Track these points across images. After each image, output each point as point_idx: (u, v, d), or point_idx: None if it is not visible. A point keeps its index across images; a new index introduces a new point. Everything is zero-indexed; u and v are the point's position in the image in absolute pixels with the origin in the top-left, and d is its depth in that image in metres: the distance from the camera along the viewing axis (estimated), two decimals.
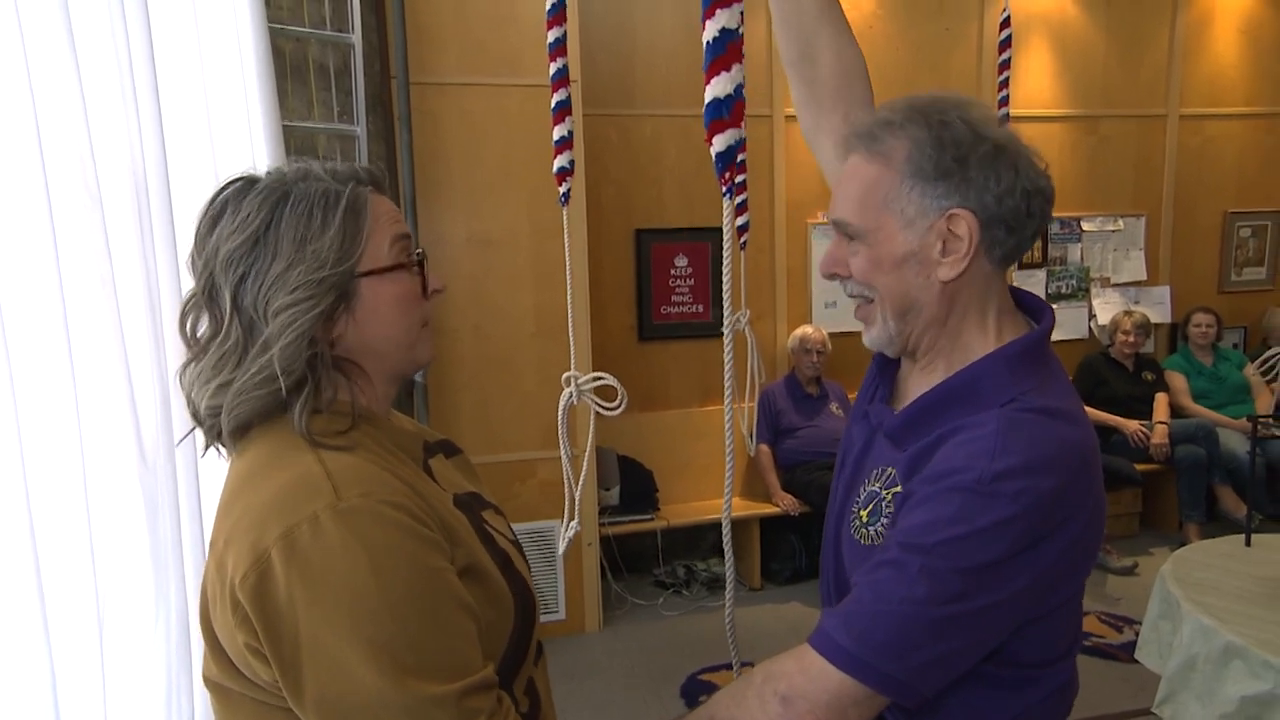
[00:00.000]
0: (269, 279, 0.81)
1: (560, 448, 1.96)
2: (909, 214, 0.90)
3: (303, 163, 0.88)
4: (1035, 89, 4.55)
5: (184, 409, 1.45)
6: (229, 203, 0.85)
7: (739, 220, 3.14)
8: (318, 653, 0.72)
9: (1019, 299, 0.99)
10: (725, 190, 1.15)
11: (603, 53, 3.89)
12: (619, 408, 1.81)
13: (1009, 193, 0.88)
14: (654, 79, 4.01)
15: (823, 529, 1.09)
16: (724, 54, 1.08)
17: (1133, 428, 4.23)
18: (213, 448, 0.89)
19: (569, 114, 1.96)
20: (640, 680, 3.18)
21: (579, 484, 2.00)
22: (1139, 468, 4.18)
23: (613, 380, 1.82)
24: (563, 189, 2.00)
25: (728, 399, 1.20)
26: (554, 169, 1.97)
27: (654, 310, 4.14)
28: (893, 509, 0.91)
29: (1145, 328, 4.45)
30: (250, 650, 0.75)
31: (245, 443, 0.85)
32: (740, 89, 1.11)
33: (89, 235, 1.30)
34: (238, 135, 1.83)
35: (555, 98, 1.94)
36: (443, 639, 0.76)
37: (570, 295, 2.14)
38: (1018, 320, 0.97)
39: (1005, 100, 3.26)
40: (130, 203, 1.40)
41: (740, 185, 3.07)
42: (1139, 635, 2.28)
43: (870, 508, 0.95)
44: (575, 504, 2.00)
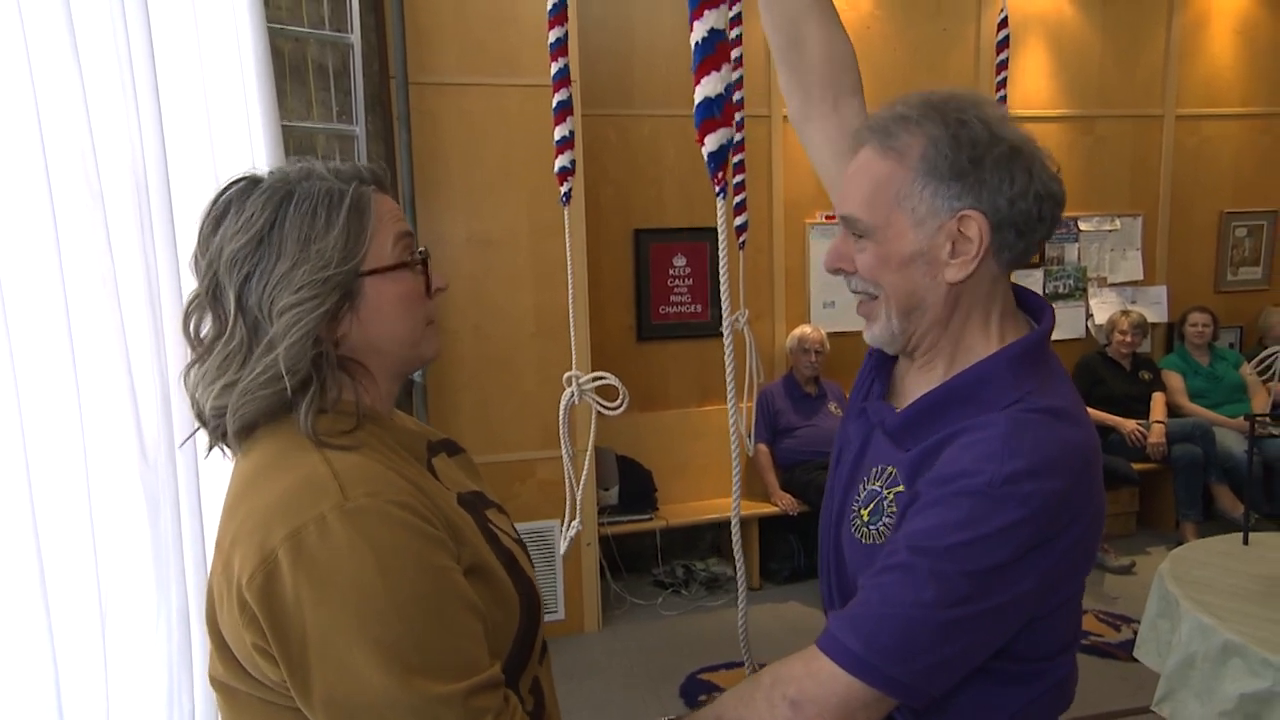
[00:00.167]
0: (273, 278, 0.81)
1: (562, 447, 1.96)
2: (920, 213, 0.89)
3: (305, 162, 0.88)
4: (1032, 89, 4.56)
5: (185, 407, 1.46)
6: (232, 202, 0.84)
7: (738, 220, 3.14)
8: (325, 653, 0.72)
9: (1019, 297, 0.99)
10: (719, 190, 1.15)
11: (601, 53, 3.89)
12: (620, 407, 1.81)
13: (1021, 196, 0.87)
14: (653, 79, 4.01)
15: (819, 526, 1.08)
16: (713, 54, 1.09)
17: (1130, 427, 4.24)
18: (216, 448, 0.88)
19: (570, 114, 1.96)
20: (639, 680, 3.18)
21: (580, 484, 2.00)
22: (1136, 467, 4.19)
23: (614, 380, 1.82)
24: (564, 189, 2.00)
25: (730, 402, 1.20)
26: (555, 169, 1.97)
27: (653, 310, 4.14)
28: (895, 508, 0.91)
29: (1142, 327, 4.46)
30: (258, 650, 0.75)
31: (250, 443, 0.84)
32: (730, 88, 1.11)
33: (91, 234, 1.30)
34: (237, 135, 1.83)
35: (556, 97, 1.94)
36: (449, 638, 0.76)
37: (571, 295, 2.15)
38: (1019, 320, 0.96)
39: (1003, 100, 3.26)
40: (131, 201, 1.40)
41: (739, 185, 3.08)
42: (1137, 634, 2.29)
43: (871, 507, 0.95)
44: (577, 504, 2.00)
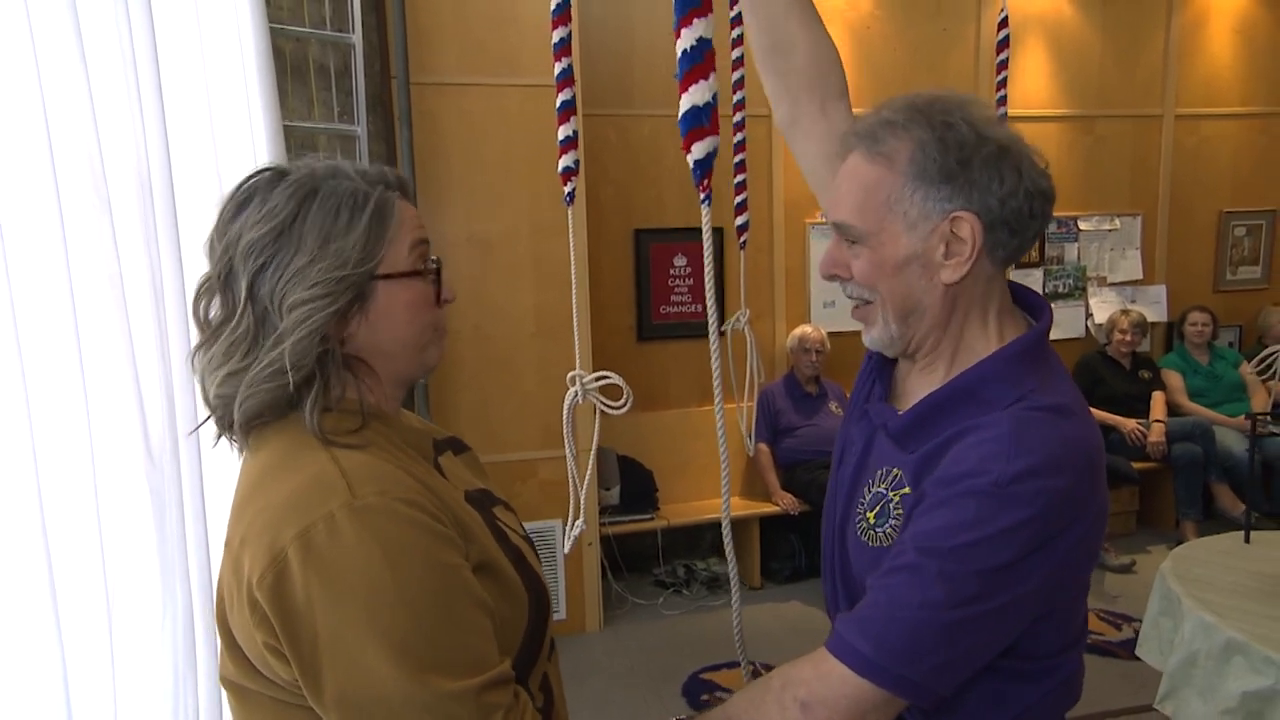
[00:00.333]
0: (289, 272, 0.81)
1: (565, 447, 1.96)
2: (911, 216, 0.89)
3: (333, 161, 0.88)
4: (1031, 89, 4.57)
5: (189, 407, 1.47)
6: (258, 190, 0.84)
7: (738, 220, 3.15)
8: (337, 651, 0.72)
9: (1015, 294, 0.99)
10: (704, 197, 1.15)
11: (602, 53, 3.89)
12: (624, 406, 1.81)
13: (1012, 194, 0.88)
14: (653, 79, 4.01)
15: (821, 527, 1.08)
16: (701, 62, 1.09)
17: (1130, 426, 4.25)
18: (223, 438, 0.88)
19: (574, 113, 1.96)
20: (641, 680, 3.18)
21: (584, 483, 2.00)
22: (1136, 466, 4.20)
23: (618, 379, 1.82)
24: (568, 188, 1.99)
25: (718, 403, 1.21)
26: (559, 168, 1.97)
27: (653, 310, 4.14)
28: (901, 510, 0.91)
29: (1142, 326, 4.47)
30: (269, 650, 0.75)
31: (258, 441, 0.85)
32: (716, 97, 1.11)
33: (96, 234, 1.31)
34: (239, 135, 1.83)
35: (560, 97, 1.94)
36: (460, 635, 0.76)
37: (574, 294, 2.15)
38: (1017, 318, 0.97)
39: (1003, 100, 3.26)
40: (136, 202, 1.41)
41: (739, 185, 3.08)
42: (1139, 632, 2.29)
43: (877, 509, 0.95)
44: (580, 503, 2.00)
